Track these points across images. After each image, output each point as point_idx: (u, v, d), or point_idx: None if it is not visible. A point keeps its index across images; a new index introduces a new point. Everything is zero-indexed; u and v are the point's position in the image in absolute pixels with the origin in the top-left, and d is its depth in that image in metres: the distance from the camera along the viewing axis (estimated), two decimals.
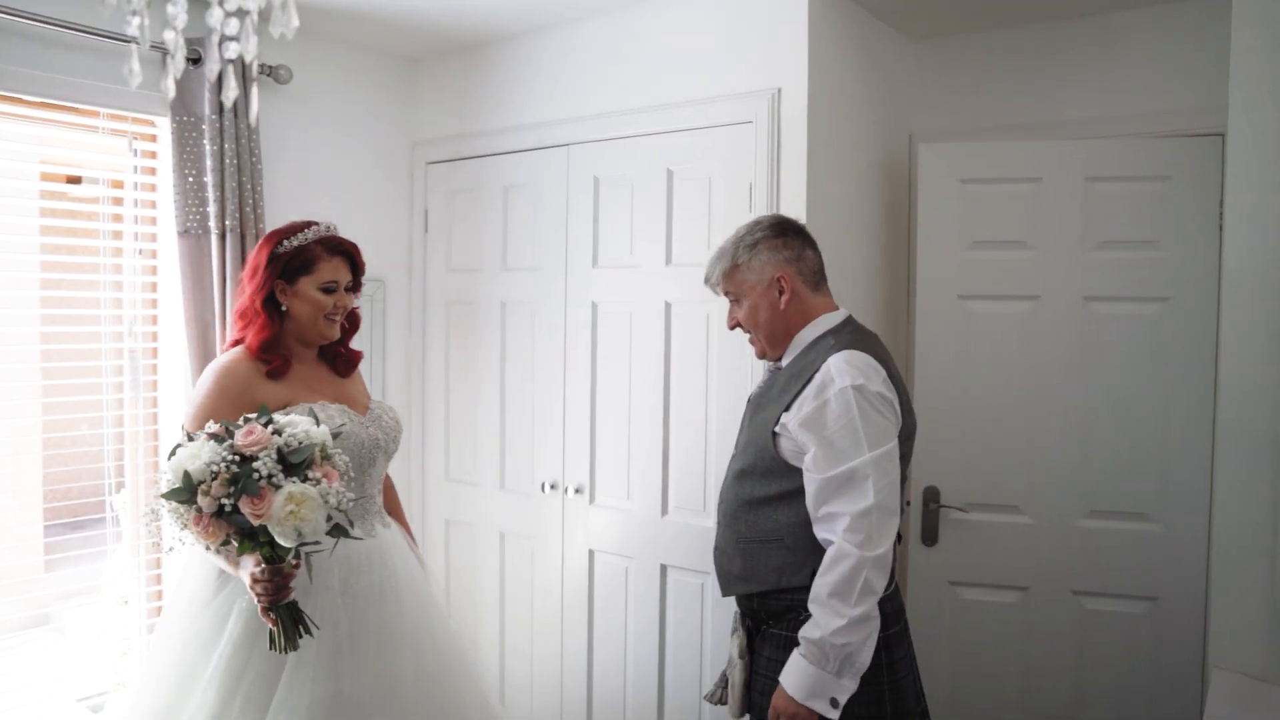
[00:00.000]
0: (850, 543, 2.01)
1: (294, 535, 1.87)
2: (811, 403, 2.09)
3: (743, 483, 2.25)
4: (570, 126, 3.52)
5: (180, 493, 1.89)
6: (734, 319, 2.31)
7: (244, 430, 1.92)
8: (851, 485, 2.04)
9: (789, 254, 2.26)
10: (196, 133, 3.22)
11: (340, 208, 3.74)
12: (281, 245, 2.34)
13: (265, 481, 1.86)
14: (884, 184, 3.43)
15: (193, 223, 3.22)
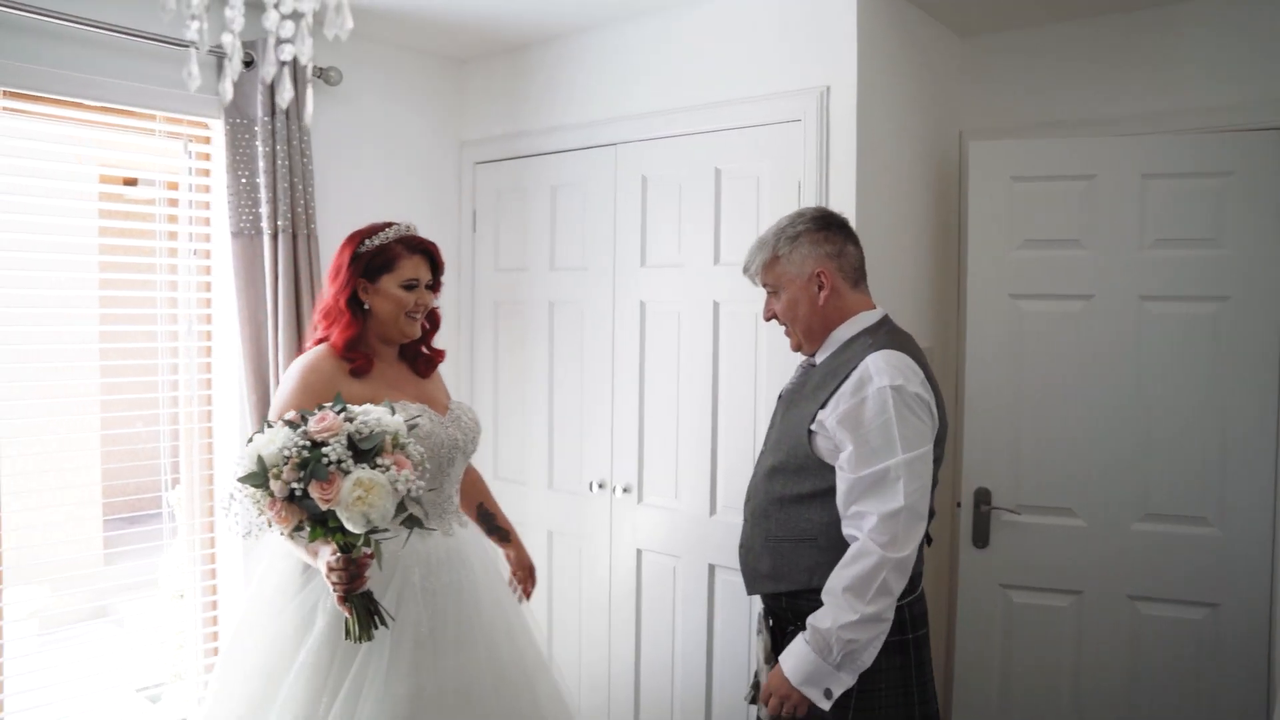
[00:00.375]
0: (875, 541, 2.01)
1: (362, 521, 1.88)
2: (849, 400, 2.09)
3: (774, 480, 2.24)
4: (617, 126, 3.53)
5: (255, 477, 1.92)
6: (770, 311, 2.31)
7: (317, 417, 1.95)
8: (882, 486, 2.03)
9: (831, 248, 2.25)
10: (249, 135, 3.26)
11: (389, 208, 3.76)
12: (363, 244, 2.37)
13: (334, 467, 1.87)
14: (934, 182, 3.41)
15: (245, 223, 3.26)
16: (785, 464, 2.21)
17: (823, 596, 2.05)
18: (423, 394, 2.48)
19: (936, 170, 3.42)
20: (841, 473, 2.08)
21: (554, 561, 3.81)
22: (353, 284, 2.37)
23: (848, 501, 2.07)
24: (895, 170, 3.18)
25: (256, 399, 3.30)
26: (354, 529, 1.90)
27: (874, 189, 3.05)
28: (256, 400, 3.30)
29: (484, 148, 3.98)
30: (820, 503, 2.16)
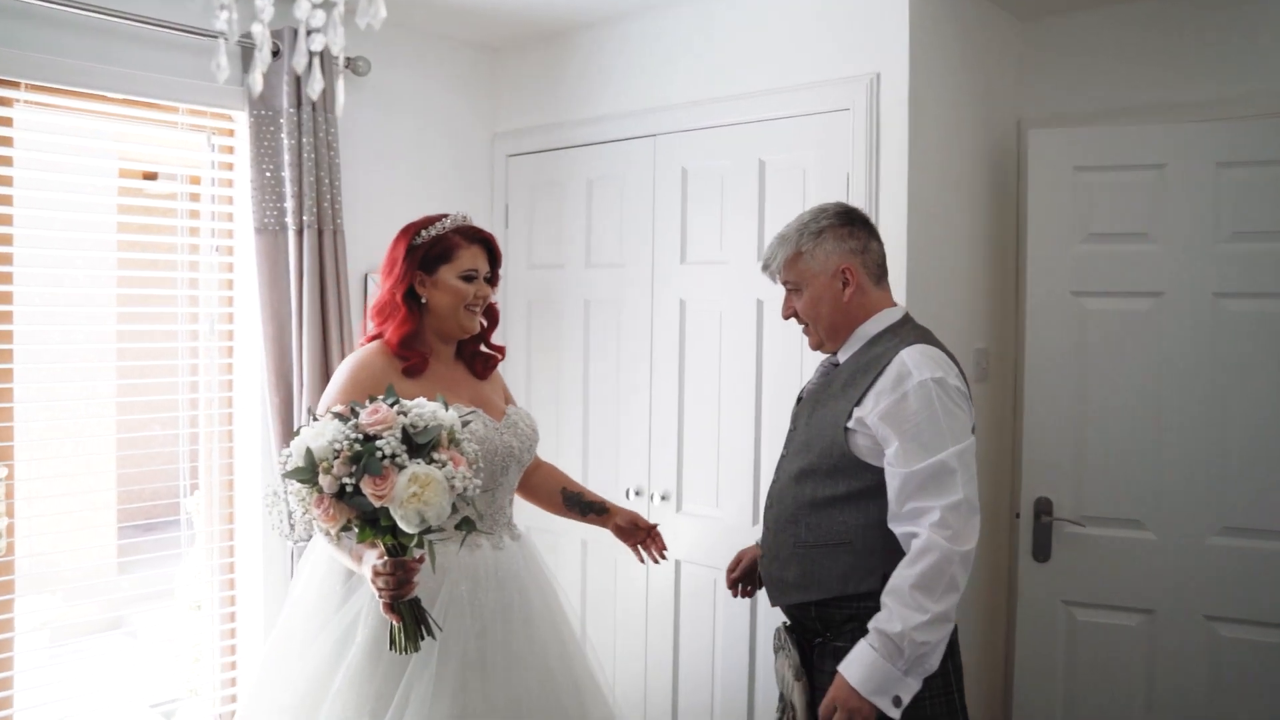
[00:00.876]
0: (940, 535, 2.03)
1: (417, 520, 1.87)
2: (889, 395, 2.12)
3: (803, 484, 2.26)
4: (656, 116, 3.54)
5: (302, 472, 1.91)
6: (791, 308, 2.34)
7: (369, 409, 1.94)
8: (939, 479, 2.07)
9: (855, 244, 2.29)
10: (274, 127, 3.29)
11: (418, 202, 3.76)
12: (419, 236, 2.39)
13: (388, 461, 1.87)
14: (991, 173, 3.40)
15: (270, 218, 3.30)
16: (816, 466, 2.23)
17: (884, 599, 2.07)
18: (479, 396, 2.48)
19: (993, 161, 3.40)
20: (892, 469, 2.11)
21: (588, 573, 3.83)
22: (409, 278, 2.39)
23: (902, 498, 2.10)
24: (949, 161, 3.18)
25: (279, 401, 3.33)
26: (407, 528, 1.90)
27: (926, 181, 3.05)
28: (279, 402, 3.33)
29: (517, 140, 4.00)
30: (856, 504, 2.19)
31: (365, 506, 1.89)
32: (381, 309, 2.40)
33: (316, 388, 3.31)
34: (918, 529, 2.07)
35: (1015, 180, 3.48)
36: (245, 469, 3.51)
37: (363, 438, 1.91)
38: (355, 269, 3.61)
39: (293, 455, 1.95)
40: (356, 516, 1.91)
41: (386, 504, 1.88)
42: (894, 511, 2.12)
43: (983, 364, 3.38)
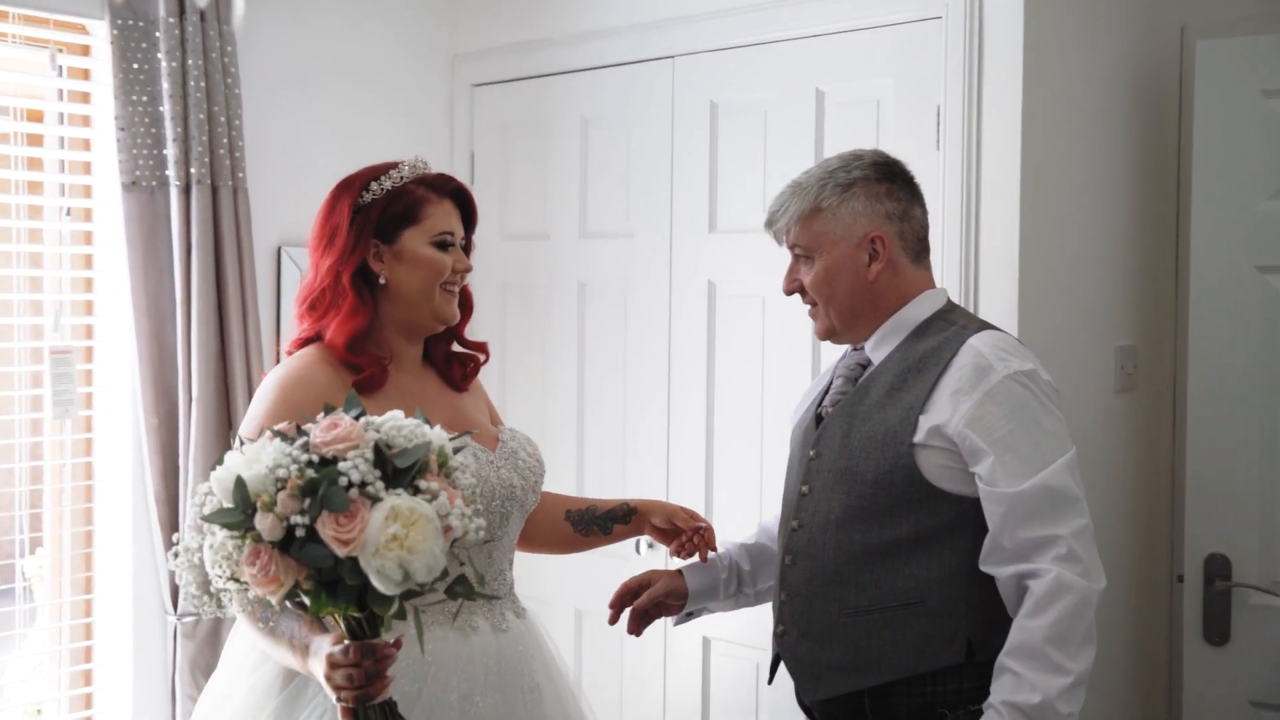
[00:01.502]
0: (1072, 572, 2.08)
1: (398, 574, 1.78)
2: (972, 396, 2.16)
3: (850, 528, 2.26)
4: (676, 30, 3.52)
5: (230, 514, 1.80)
6: (795, 281, 2.38)
7: (325, 423, 1.87)
8: (1056, 500, 2.12)
9: (893, 207, 2.32)
10: (148, 43, 3.25)
11: (351, 150, 3.66)
12: (368, 191, 2.34)
13: (357, 491, 1.79)
14: (1140, 102, 3.35)
15: (144, 171, 3.26)
16: (870, 502, 2.24)
17: (1007, 663, 2.10)
18: (460, 416, 2.45)
19: (1144, 84, 3.36)
20: (993, 490, 2.13)
21: (584, 653, 3.80)
22: (360, 250, 2.31)
23: (1009, 528, 2.13)
24: (1080, 87, 3.15)
25: (159, 422, 3.30)
26: (384, 587, 1.78)
27: (1048, 116, 3.02)
28: (159, 424, 3.30)
29: (486, 63, 4.00)
30: (929, 549, 2.21)
31: (322, 560, 1.78)
32: (316, 299, 2.34)
33: (211, 405, 3.30)
34: (1038, 566, 2.10)
35: (1177, 111, 3.39)
36: (109, 518, 3.45)
37: (319, 460, 1.82)
38: (264, 240, 3.57)
39: (215, 491, 1.85)
40: (308, 577, 1.80)
41: (354, 553, 1.77)
42: (995, 548, 2.16)
43: (1128, 368, 3.30)
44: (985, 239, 2.94)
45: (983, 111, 2.97)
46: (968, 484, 2.17)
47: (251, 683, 2.26)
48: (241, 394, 3.26)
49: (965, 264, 2.95)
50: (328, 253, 2.33)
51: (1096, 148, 3.20)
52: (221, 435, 3.26)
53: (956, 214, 2.95)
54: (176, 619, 3.26)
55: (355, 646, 1.90)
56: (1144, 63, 3.33)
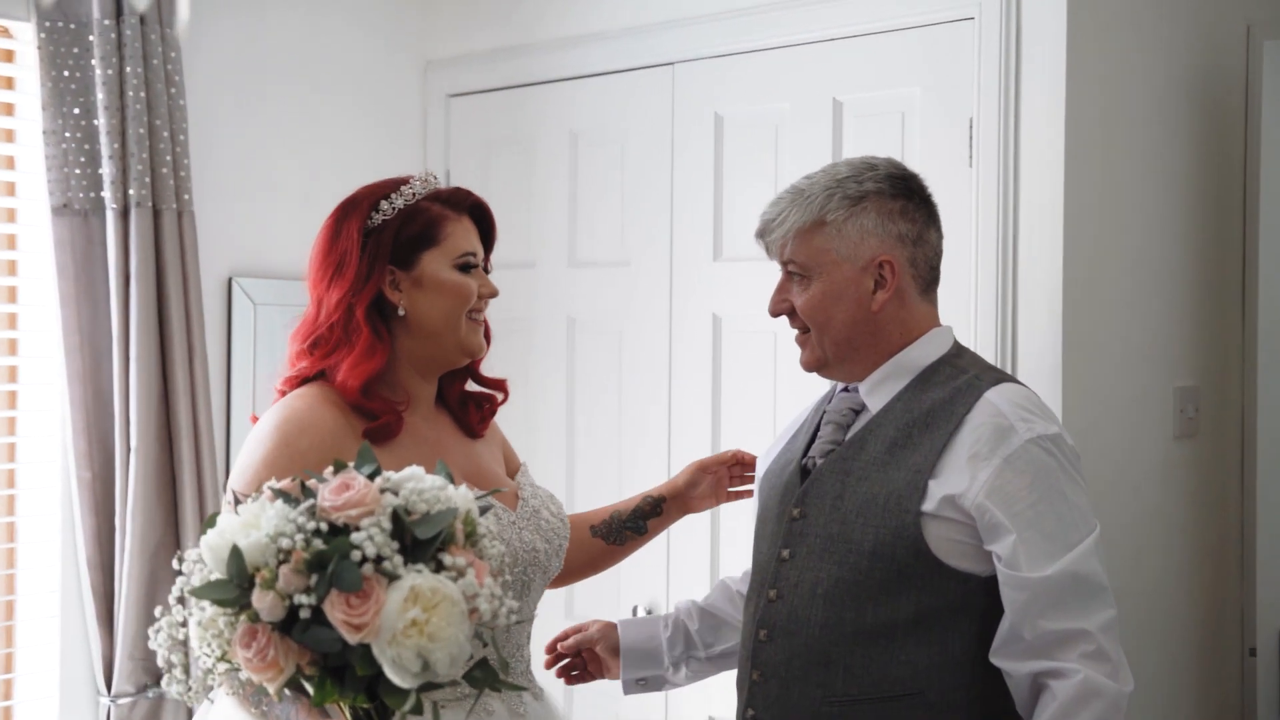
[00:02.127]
0: (1101, 673, 2.05)
1: (416, 667, 1.73)
2: (991, 463, 2.14)
3: (841, 604, 2.22)
4: (676, 34, 3.52)
5: (223, 588, 1.75)
6: (786, 302, 2.34)
7: (336, 483, 1.81)
8: (1086, 588, 2.10)
9: (907, 228, 2.29)
10: (80, 47, 3.23)
11: (312, 170, 3.74)
12: (378, 211, 2.33)
13: (371, 567, 1.73)
14: (1201, 110, 3.35)
15: (76, 192, 3.25)
16: (865, 575, 2.20)
17: None
18: (477, 468, 2.44)
19: (1204, 91, 3.35)
20: (1013, 574, 2.11)
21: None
22: (376, 278, 2.30)
23: (1029, 617, 2.10)
24: (1132, 95, 3.15)
25: (92, 477, 3.27)
26: (400, 680, 1.72)
27: (1095, 127, 3.01)
28: (92, 479, 3.27)
29: (464, 71, 4.01)
30: (930, 633, 2.18)
31: (329, 645, 1.72)
32: (322, 337, 2.32)
33: (153, 456, 3.27)
34: (1062, 665, 2.08)
35: (1241, 122, 3.40)
36: (34, 586, 3.40)
37: (328, 528, 1.77)
38: (213, 270, 3.57)
39: (206, 559, 1.79)
40: (311, 662, 1.75)
41: (367, 639, 1.71)
42: (1012, 638, 2.13)
43: (1189, 412, 3.30)
44: (1025, 267, 2.92)
45: (1021, 123, 2.97)
46: (980, 562, 2.15)
47: None
48: (187, 443, 3.24)
49: (1002, 295, 2.93)
50: (335, 284, 2.31)
51: (1151, 163, 3.19)
52: (164, 490, 3.24)
53: (992, 239, 2.94)
54: (110, 700, 3.22)
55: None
56: (1204, 67, 3.32)
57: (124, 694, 3.19)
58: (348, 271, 2.30)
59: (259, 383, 3.59)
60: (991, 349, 2.93)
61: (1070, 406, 2.86)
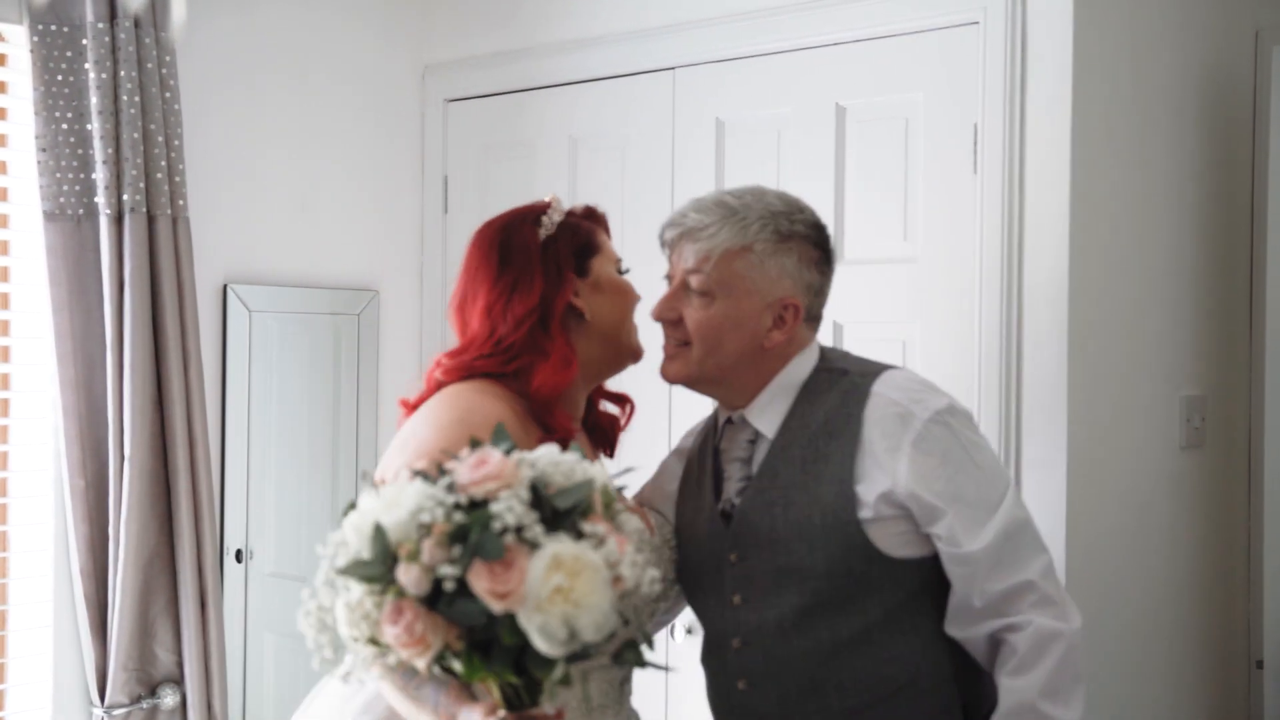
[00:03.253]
0: (1052, 616, 2.14)
1: (563, 634, 1.78)
2: (904, 450, 2.20)
3: (813, 628, 2.25)
4: (677, 39, 3.53)
5: (367, 566, 1.81)
6: (676, 310, 2.34)
7: (472, 460, 1.87)
8: (1018, 540, 2.18)
9: (815, 279, 2.34)
10: (74, 51, 3.23)
11: (306, 175, 3.77)
12: (542, 225, 2.41)
13: (513, 537, 1.79)
14: (1208, 117, 3.35)
15: (69, 198, 3.25)
16: (827, 597, 2.23)
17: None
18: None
19: (1212, 97, 3.35)
20: (956, 552, 2.17)
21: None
22: (566, 286, 2.38)
23: (976, 585, 2.17)
24: (1138, 101, 3.16)
25: (86, 485, 3.26)
26: (548, 648, 1.77)
27: (1101, 134, 3.02)
28: (86, 487, 3.26)
29: (461, 76, 4.02)
30: (903, 623, 2.24)
31: (474, 617, 1.78)
32: (514, 344, 2.37)
33: (147, 464, 3.26)
34: (1014, 620, 2.16)
35: (1249, 129, 3.40)
36: (27, 596, 3.38)
37: (467, 503, 1.83)
38: (208, 276, 3.58)
39: (349, 539, 1.85)
40: (458, 637, 1.81)
41: (512, 608, 1.77)
42: (964, 608, 2.20)
43: (1195, 422, 3.30)
44: (1030, 275, 2.92)
45: (1026, 130, 2.97)
46: (924, 545, 2.20)
47: None
48: (181, 451, 3.22)
49: (1006, 304, 2.93)
50: (520, 298, 2.36)
51: (1158, 170, 3.20)
52: (159, 499, 3.23)
53: (996, 247, 2.94)
54: (103, 711, 3.21)
55: (513, 718, 1.91)
56: (1212, 72, 3.32)
57: (118, 705, 3.19)
58: (533, 285, 2.35)
59: (255, 390, 3.58)
60: (996, 358, 2.94)
61: (1076, 416, 2.87)
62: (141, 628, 3.23)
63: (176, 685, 3.28)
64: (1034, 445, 2.92)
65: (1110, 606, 2.97)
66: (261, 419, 3.62)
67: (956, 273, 3.04)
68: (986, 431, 2.97)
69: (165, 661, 3.28)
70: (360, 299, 3.87)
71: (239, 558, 3.53)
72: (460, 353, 2.41)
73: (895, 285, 3.11)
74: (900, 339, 3.15)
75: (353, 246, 3.78)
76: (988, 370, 2.96)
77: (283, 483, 3.68)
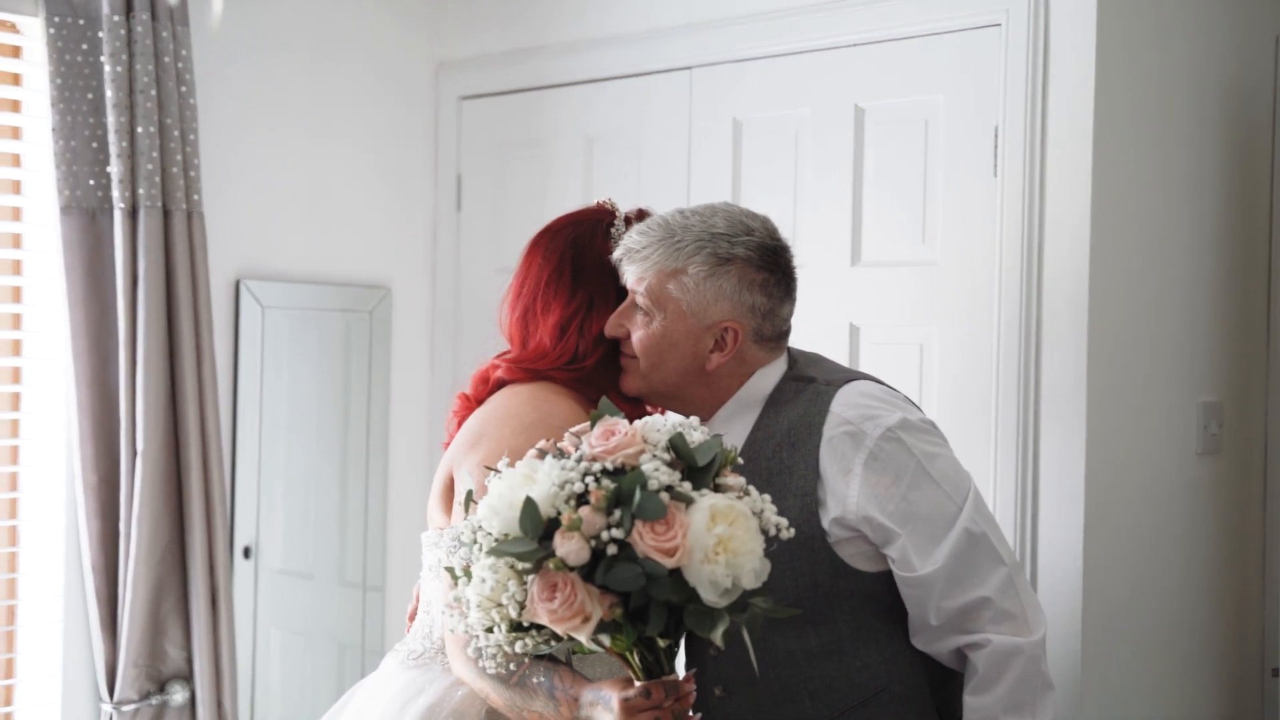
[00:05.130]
0: (1009, 632, 2.17)
1: (728, 583, 1.86)
2: (855, 473, 2.22)
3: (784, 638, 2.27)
4: (694, 38, 3.53)
5: (520, 543, 1.86)
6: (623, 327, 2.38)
7: (599, 432, 1.95)
8: (969, 557, 2.19)
9: (760, 301, 2.34)
10: (89, 44, 3.23)
11: (320, 170, 3.78)
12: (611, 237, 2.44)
13: (667, 496, 1.86)
14: (1230, 122, 3.33)
15: (84, 191, 3.25)
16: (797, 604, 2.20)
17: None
18: None
19: (1234, 102, 3.33)
20: (908, 575, 2.20)
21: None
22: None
23: (930, 604, 2.20)
24: (1161, 106, 3.14)
25: (98, 481, 3.27)
26: (714, 598, 1.85)
27: (1123, 138, 3.01)
28: (98, 482, 3.27)
29: (476, 73, 4.02)
30: (873, 631, 2.27)
31: (633, 581, 1.84)
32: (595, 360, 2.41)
33: (160, 460, 3.27)
34: (972, 638, 2.19)
35: (1270, 134, 3.38)
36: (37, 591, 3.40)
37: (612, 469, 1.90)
38: (222, 272, 3.59)
39: (487, 522, 1.91)
40: (613, 605, 1.86)
41: (680, 563, 1.84)
42: (922, 627, 2.23)
43: (1212, 428, 3.29)
44: (1050, 280, 2.92)
45: (1048, 133, 2.97)
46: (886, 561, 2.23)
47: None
48: (194, 447, 3.24)
49: (1026, 308, 2.93)
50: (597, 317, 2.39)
51: (1179, 175, 3.19)
52: (171, 494, 3.24)
53: (1016, 251, 2.94)
54: (113, 707, 3.22)
55: (657, 685, 1.94)
56: (1233, 77, 3.31)
57: (127, 700, 3.20)
58: (610, 300, 2.39)
59: (266, 386, 3.60)
60: (1014, 362, 2.94)
61: (1094, 421, 2.87)
62: (152, 624, 3.24)
63: (186, 682, 3.29)
64: (1051, 449, 2.91)
65: (1125, 611, 2.98)
66: (272, 415, 3.62)
67: (975, 276, 3.03)
68: (1003, 436, 3.00)
69: (175, 658, 3.29)
70: (373, 296, 3.88)
71: (247, 554, 3.53)
72: (525, 360, 2.42)
73: (913, 288, 3.11)
74: (917, 342, 3.14)
75: (365, 243, 3.79)
76: (1005, 374, 2.95)
77: (291, 480, 3.68)
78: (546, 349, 2.43)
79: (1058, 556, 2.90)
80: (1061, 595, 2.83)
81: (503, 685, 2.13)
